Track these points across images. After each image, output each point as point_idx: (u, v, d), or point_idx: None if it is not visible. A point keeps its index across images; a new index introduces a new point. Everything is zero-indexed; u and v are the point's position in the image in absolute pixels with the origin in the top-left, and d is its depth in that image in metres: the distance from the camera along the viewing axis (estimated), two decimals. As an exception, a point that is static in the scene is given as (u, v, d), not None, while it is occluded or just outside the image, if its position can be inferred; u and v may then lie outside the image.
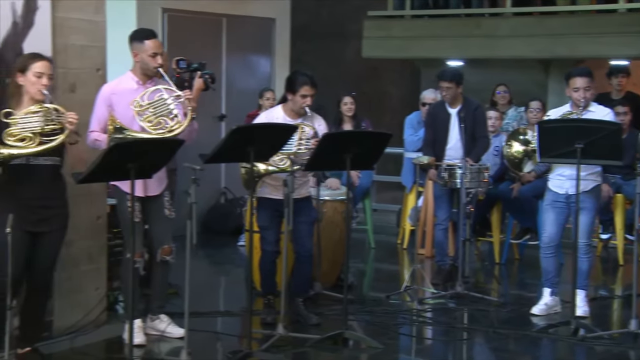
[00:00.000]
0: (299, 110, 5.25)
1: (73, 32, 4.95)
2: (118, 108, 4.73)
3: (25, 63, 4.22)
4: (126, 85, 4.82)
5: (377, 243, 7.95)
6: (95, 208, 5.12)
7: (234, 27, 8.85)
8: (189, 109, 4.73)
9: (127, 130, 4.58)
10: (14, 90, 4.25)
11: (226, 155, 4.84)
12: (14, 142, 4.09)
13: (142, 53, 4.78)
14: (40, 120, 4.11)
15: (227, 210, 8.42)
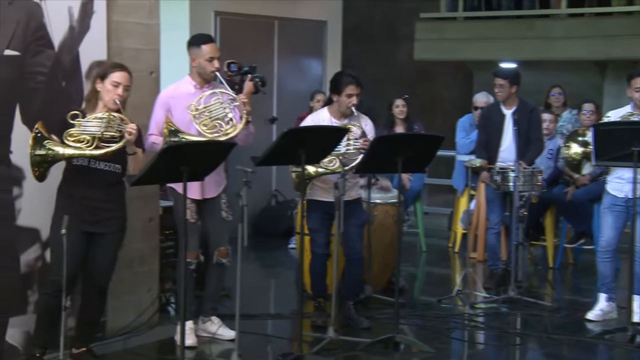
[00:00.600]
0: (345, 110, 5.24)
1: (128, 35, 5.00)
2: (175, 112, 4.78)
3: (106, 71, 4.30)
4: (184, 89, 4.87)
5: (428, 246, 7.89)
6: (148, 210, 5.16)
7: (286, 30, 8.87)
8: (244, 113, 4.74)
9: (182, 133, 4.61)
10: (91, 95, 4.33)
11: (277, 158, 4.83)
12: (71, 143, 4.16)
13: (199, 58, 4.82)
14: (101, 125, 4.18)
15: (278, 212, 8.43)
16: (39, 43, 4.58)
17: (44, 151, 4.10)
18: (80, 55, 4.76)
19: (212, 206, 4.92)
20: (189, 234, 4.77)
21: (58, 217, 4.23)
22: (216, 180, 4.88)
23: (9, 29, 4.46)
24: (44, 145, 4.10)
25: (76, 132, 4.16)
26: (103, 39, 4.86)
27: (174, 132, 4.59)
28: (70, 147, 4.16)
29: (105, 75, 4.28)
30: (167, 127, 4.60)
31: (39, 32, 4.59)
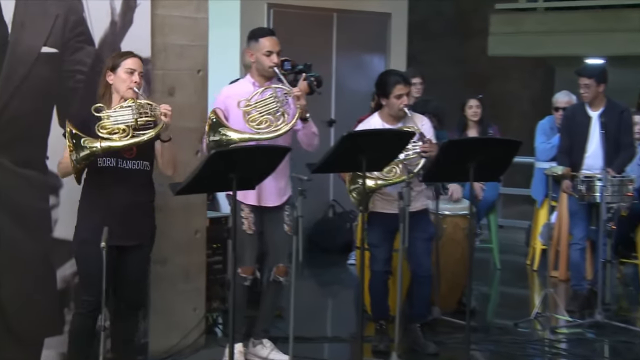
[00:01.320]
0: (397, 113, 5.21)
1: (173, 30, 5.06)
2: (232, 112, 4.84)
3: (116, 61, 4.34)
4: (243, 88, 4.93)
5: (503, 264, 7.80)
6: (193, 222, 5.20)
7: (346, 24, 8.86)
8: (298, 107, 4.76)
9: (224, 127, 4.67)
10: (104, 90, 4.35)
11: (336, 165, 4.82)
12: (106, 135, 4.21)
13: (257, 52, 4.87)
14: (132, 112, 4.23)
15: (336, 224, 8.42)
16: (79, 39, 4.65)
17: (85, 152, 4.12)
18: None
19: (274, 217, 4.94)
20: (246, 247, 4.79)
21: (83, 229, 4.25)
22: (279, 188, 4.90)
23: (47, 25, 4.54)
24: (82, 145, 4.13)
25: (109, 123, 4.21)
26: (147, 35, 4.92)
27: (216, 125, 4.65)
28: (107, 140, 4.20)
29: (117, 65, 4.32)
30: (209, 120, 4.65)
31: (78, 28, 4.66)
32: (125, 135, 4.21)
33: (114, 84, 4.32)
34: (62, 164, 4.28)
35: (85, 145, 4.14)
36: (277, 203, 4.94)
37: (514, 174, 8.02)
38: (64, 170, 4.27)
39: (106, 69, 4.34)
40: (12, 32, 4.43)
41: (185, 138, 5.07)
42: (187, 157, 5.02)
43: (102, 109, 4.25)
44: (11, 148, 4.40)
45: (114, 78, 4.32)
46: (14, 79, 4.44)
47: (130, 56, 4.35)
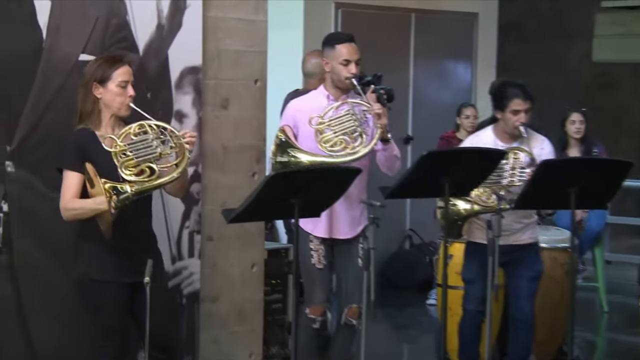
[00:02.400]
0: (512, 130, 5.14)
1: (227, 34, 5.10)
2: (302, 128, 4.84)
3: (105, 71, 4.17)
4: (315, 101, 4.91)
5: (611, 305, 7.67)
6: (249, 254, 5.22)
7: (426, 25, 8.85)
8: (378, 126, 4.73)
9: (293, 148, 4.66)
10: (91, 106, 4.19)
11: (414, 189, 4.79)
12: (134, 177, 4.07)
13: (333, 60, 4.87)
14: (155, 143, 4.12)
15: (414, 258, 8.37)
16: (121, 45, 4.72)
17: (123, 196, 4.02)
18: (170, 60, 4.89)
19: (347, 250, 4.94)
20: (316, 283, 4.81)
21: (94, 266, 4.19)
22: (353, 217, 4.89)
23: (85, 29, 4.62)
24: (120, 190, 4.01)
25: (133, 162, 4.09)
26: (197, 40, 4.97)
27: (284, 145, 4.64)
28: (136, 183, 4.07)
29: (107, 77, 4.19)
30: (276, 141, 4.65)
31: (121, 32, 4.73)
32: (151, 175, 4.09)
33: (104, 99, 4.18)
34: (78, 210, 4.12)
35: (120, 191, 4.01)
36: (350, 235, 4.92)
37: (623, 201, 7.89)
38: (78, 215, 4.14)
39: (92, 81, 4.18)
40: (47, 37, 4.52)
41: (241, 157, 5.12)
42: (242, 179, 5.07)
43: (114, 141, 4.09)
44: (44, 169, 4.47)
45: (104, 92, 4.17)
46: (48, 90, 4.52)
47: (121, 64, 4.20)
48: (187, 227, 4.98)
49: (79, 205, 4.12)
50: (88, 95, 4.20)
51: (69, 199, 4.13)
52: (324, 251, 4.85)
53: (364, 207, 4.93)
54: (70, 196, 4.13)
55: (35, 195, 4.49)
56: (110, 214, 3.99)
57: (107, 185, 3.99)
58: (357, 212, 4.91)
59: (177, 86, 4.93)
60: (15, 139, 4.46)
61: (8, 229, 4.47)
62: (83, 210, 4.12)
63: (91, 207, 4.07)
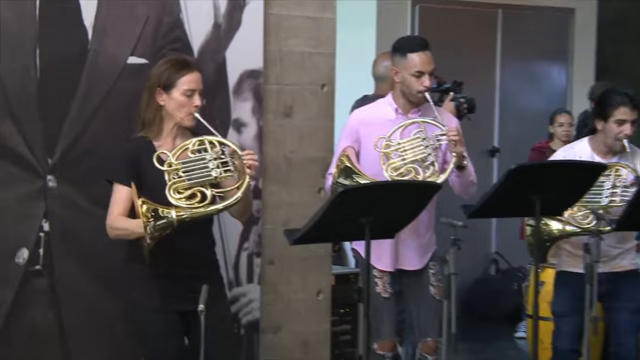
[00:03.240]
0: (613, 143, 5.05)
1: (292, 34, 5.12)
2: (366, 144, 4.79)
3: (171, 76, 4.19)
4: (381, 112, 4.87)
5: None
6: (314, 279, 5.22)
7: (514, 23, 8.79)
8: (454, 155, 4.67)
9: (358, 174, 4.61)
10: (153, 114, 4.21)
11: (500, 207, 4.74)
12: (183, 202, 4.03)
13: (403, 70, 4.79)
14: (212, 164, 4.07)
15: (500, 285, 8.31)
16: (174, 47, 4.76)
17: (161, 221, 3.98)
18: (227, 62, 4.92)
19: (416, 280, 4.90)
20: (382, 315, 4.78)
21: (135, 293, 4.20)
22: (421, 244, 4.84)
23: (135, 29, 4.67)
24: (160, 214, 3.98)
25: (184, 184, 4.06)
26: (258, 40, 5.00)
27: (348, 170, 4.60)
28: (182, 210, 4.02)
29: (172, 83, 4.19)
30: (339, 164, 4.61)
31: (173, 33, 4.78)
32: (206, 201, 4.06)
33: (167, 107, 4.20)
34: (122, 231, 4.14)
35: (160, 216, 3.97)
36: (419, 266, 4.88)
37: None
38: (122, 236, 4.16)
39: (156, 86, 4.20)
40: (92, 38, 4.57)
41: (305, 171, 5.14)
42: (307, 196, 5.08)
43: (165, 159, 4.08)
44: (88, 183, 4.52)
45: (167, 99, 4.19)
46: (93, 97, 4.57)
47: (189, 70, 4.21)
48: (246, 249, 5.00)
49: (124, 226, 4.14)
50: (151, 101, 4.22)
51: (116, 216, 4.15)
52: (389, 278, 4.81)
53: (433, 233, 4.90)
54: (118, 213, 4.15)
55: (79, 213, 4.54)
56: (146, 242, 3.96)
57: (145, 208, 3.96)
58: (425, 239, 4.86)
59: (236, 92, 4.95)
60: (57, 150, 4.52)
61: (49, 249, 4.52)
62: (127, 232, 4.13)
63: (134, 230, 4.07)
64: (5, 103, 4.42)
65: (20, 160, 4.46)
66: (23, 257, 4.49)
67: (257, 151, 4.88)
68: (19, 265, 4.47)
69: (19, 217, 4.47)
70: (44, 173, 4.49)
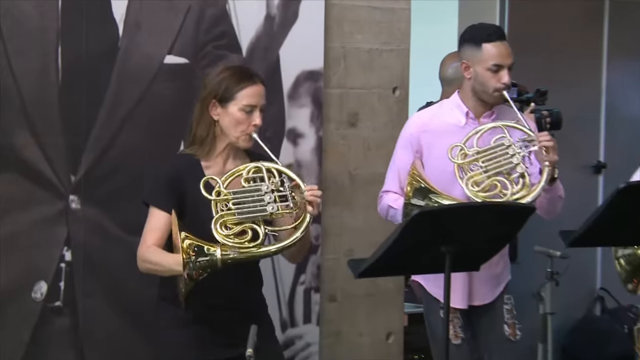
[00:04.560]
0: None
1: (357, 28, 5.14)
2: (431, 156, 4.76)
3: (230, 88, 4.12)
4: (447, 117, 4.82)
5: None
6: (383, 319, 5.24)
7: (625, 16, 8.70)
8: (546, 164, 4.62)
9: (436, 194, 4.55)
10: (206, 130, 4.14)
11: (607, 234, 4.68)
12: (230, 240, 3.96)
13: (476, 65, 4.72)
14: (268, 198, 4.00)
15: (607, 327, 8.22)
16: (219, 44, 4.80)
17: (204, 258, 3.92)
18: (282, 62, 4.95)
19: (487, 316, 4.87)
20: (452, 361, 4.78)
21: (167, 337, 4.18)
22: (494, 275, 4.80)
23: (173, 23, 4.71)
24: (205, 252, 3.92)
25: (233, 218, 4.00)
26: (318, 35, 5.03)
27: (423, 190, 4.54)
28: (229, 250, 3.96)
29: (229, 97, 4.12)
30: (411, 182, 4.54)
31: (218, 27, 4.82)
32: (257, 241, 3.99)
33: (221, 123, 4.13)
34: (154, 265, 4.09)
35: (203, 254, 3.92)
36: (492, 298, 4.85)
37: None
38: (153, 271, 4.11)
39: (210, 97, 4.12)
40: (123, 35, 4.61)
41: (373, 190, 5.06)
42: (375, 220, 5.05)
43: (213, 186, 4.01)
44: (118, 204, 4.55)
45: (222, 114, 4.12)
46: (124, 102, 4.60)
47: (252, 83, 4.13)
48: (302, 284, 5.02)
49: (156, 260, 4.07)
50: (204, 115, 4.14)
51: (150, 246, 4.09)
52: (460, 321, 4.76)
53: (506, 258, 4.87)
54: (152, 241, 4.09)
55: (107, 240, 4.57)
56: (184, 283, 3.92)
57: (187, 243, 3.91)
58: (498, 269, 4.82)
59: (291, 96, 4.99)
60: (82, 166, 4.55)
61: (71, 283, 4.55)
62: (159, 267, 4.07)
63: (169, 267, 4.00)
64: (22, 110, 4.46)
65: (38, 178, 4.48)
66: (41, 292, 4.51)
67: (315, 167, 4.90)
68: (36, 300, 4.49)
69: (36, 245, 4.48)
70: (66, 192, 4.52)
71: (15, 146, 4.43)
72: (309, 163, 4.93)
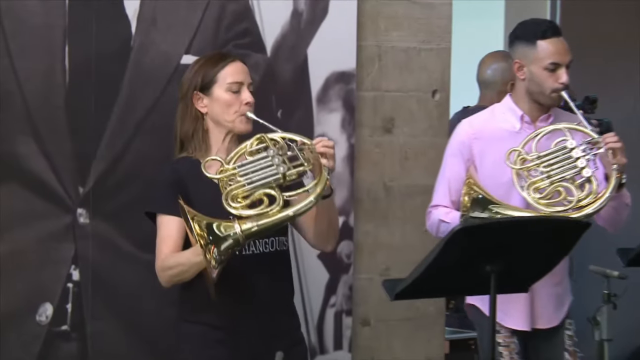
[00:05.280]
0: None
1: (394, 25, 5.13)
2: (484, 164, 4.77)
3: (208, 73, 4.15)
4: (501, 123, 4.84)
5: None
6: (422, 346, 5.23)
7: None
8: (613, 169, 4.56)
9: (497, 205, 4.54)
10: (192, 125, 4.17)
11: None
12: (246, 211, 3.95)
13: (531, 64, 4.74)
14: (276, 161, 4.00)
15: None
16: (241, 42, 4.80)
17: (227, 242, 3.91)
18: (310, 62, 4.95)
19: (548, 340, 4.85)
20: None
21: None
22: (557, 295, 4.80)
23: (191, 19, 4.72)
24: (217, 232, 3.89)
25: (243, 189, 3.98)
26: (350, 33, 5.02)
27: (482, 201, 4.52)
28: (250, 219, 3.94)
29: (211, 81, 4.13)
30: (469, 192, 4.53)
31: (240, 24, 4.82)
32: (274, 204, 3.98)
33: (210, 113, 4.16)
34: (174, 269, 4.06)
35: (222, 232, 3.89)
36: (556, 322, 4.83)
37: None
38: (177, 276, 4.08)
39: (191, 90, 4.16)
40: (137, 32, 4.62)
41: (411, 203, 5.17)
42: (412, 236, 5.11)
43: (213, 164, 4.04)
44: (130, 218, 4.50)
45: (210, 103, 4.15)
46: (137, 107, 4.62)
47: (230, 60, 4.17)
48: (333, 306, 5.00)
49: (175, 261, 4.04)
50: (188, 110, 4.16)
51: (168, 254, 4.07)
52: (517, 346, 4.74)
53: (567, 278, 4.86)
54: (169, 249, 4.06)
55: (118, 257, 4.58)
56: (212, 269, 3.87)
57: (201, 224, 3.88)
58: (561, 288, 4.81)
59: (320, 100, 4.98)
60: (91, 176, 4.55)
61: (79, 305, 4.55)
62: (181, 268, 4.02)
63: (189, 260, 3.97)
64: (26, 116, 4.47)
65: (42, 189, 4.49)
66: (46, 315, 4.52)
67: (347, 177, 4.91)
68: (40, 324, 4.50)
69: (40, 263, 4.49)
70: (74, 205, 4.52)
71: (17, 155, 4.44)
72: (339, 173, 4.88)
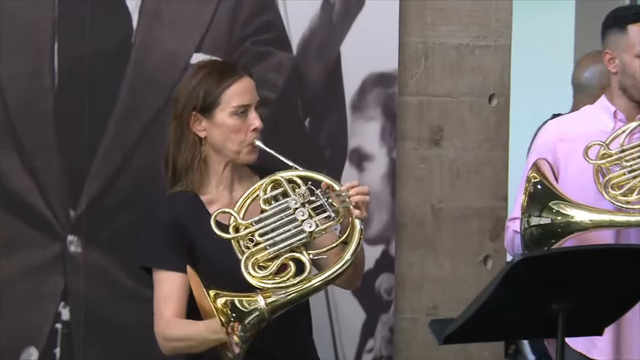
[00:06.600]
0: None
1: (442, 18, 5.15)
2: (569, 169, 4.79)
3: (210, 92, 4.09)
4: (591, 122, 4.86)
5: None
6: None
7: None
8: None
9: (559, 201, 4.55)
10: (189, 153, 4.12)
11: None
12: (270, 282, 3.89)
13: (622, 53, 4.77)
14: (301, 214, 3.94)
15: None
16: (261, 38, 4.84)
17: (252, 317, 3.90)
18: (343, 62, 4.95)
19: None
20: None
21: None
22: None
23: (202, 13, 4.75)
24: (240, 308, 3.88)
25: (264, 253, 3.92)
26: (392, 29, 5.03)
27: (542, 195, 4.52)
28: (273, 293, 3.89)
29: (213, 102, 4.09)
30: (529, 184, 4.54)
31: (261, 17, 4.85)
32: (303, 274, 3.92)
33: (211, 139, 4.12)
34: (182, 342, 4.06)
35: (245, 308, 3.88)
36: None
37: None
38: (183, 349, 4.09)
39: (188, 110, 4.09)
40: (138, 28, 4.66)
41: (463, 229, 5.17)
42: (465, 268, 5.13)
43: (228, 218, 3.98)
44: (128, 247, 4.50)
45: (210, 127, 4.11)
46: (140, 113, 4.66)
47: (236, 78, 4.12)
48: (370, 351, 5.03)
49: (185, 333, 4.03)
50: (184, 134, 4.11)
51: (169, 319, 4.05)
52: None
53: None
54: (172, 313, 4.05)
55: (115, 292, 4.63)
56: (235, 351, 3.86)
57: (222, 301, 3.86)
58: None
59: (356, 107, 4.98)
60: (84, 197, 4.58)
61: (69, 348, 4.58)
62: (190, 342, 4.02)
63: (203, 337, 3.95)
64: (7, 125, 4.53)
65: (28, 213, 4.55)
66: (31, 360, 4.60)
67: (387, 198, 4.92)
68: (25, 371, 4.59)
69: (24, 300, 4.55)
70: (64, 232, 4.57)
71: (0, 175, 4.48)
72: (378, 193, 4.88)
